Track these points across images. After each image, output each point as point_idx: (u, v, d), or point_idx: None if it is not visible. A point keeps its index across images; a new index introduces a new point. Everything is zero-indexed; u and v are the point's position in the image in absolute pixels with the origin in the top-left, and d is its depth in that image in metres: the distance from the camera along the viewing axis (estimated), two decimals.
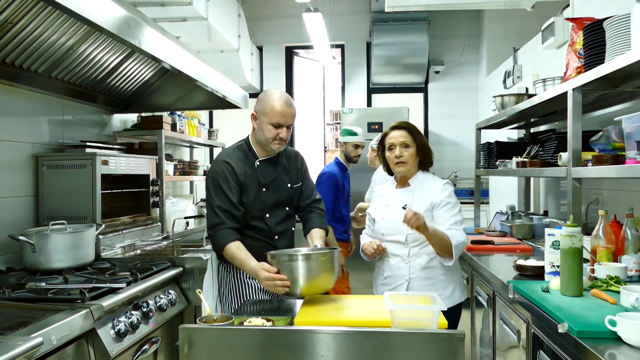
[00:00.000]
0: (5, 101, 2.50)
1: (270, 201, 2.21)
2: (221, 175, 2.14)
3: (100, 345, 1.85)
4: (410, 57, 5.68)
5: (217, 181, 2.14)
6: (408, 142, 2.27)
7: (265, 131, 2.14)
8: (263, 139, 2.17)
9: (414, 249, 2.22)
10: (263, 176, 2.20)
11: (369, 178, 4.12)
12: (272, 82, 6.27)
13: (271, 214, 2.22)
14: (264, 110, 2.13)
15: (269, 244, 2.20)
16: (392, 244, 2.27)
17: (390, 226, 2.26)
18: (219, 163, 2.18)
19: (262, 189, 2.19)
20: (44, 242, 2.31)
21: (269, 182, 2.21)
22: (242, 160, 2.19)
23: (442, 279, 2.24)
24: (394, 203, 2.30)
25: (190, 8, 3.71)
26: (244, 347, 1.43)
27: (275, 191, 2.23)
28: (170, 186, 4.57)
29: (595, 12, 2.68)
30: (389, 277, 2.29)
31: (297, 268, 1.85)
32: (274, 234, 2.23)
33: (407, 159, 2.26)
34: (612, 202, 2.64)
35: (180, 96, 3.64)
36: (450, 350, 1.35)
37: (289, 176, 2.29)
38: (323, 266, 1.87)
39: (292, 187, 2.29)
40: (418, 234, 2.10)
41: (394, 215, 2.23)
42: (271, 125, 2.12)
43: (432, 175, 2.37)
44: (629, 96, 2.39)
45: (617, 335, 1.37)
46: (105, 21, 1.82)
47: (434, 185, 2.27)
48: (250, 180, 2.17)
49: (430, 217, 2.20)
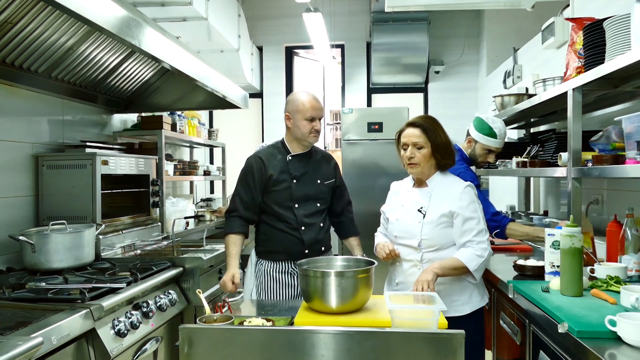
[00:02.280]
0: (5, 101, 2.50)
1: (300, 193, 2.37)
2: (250, 169, 2.39)
3: (100, 345, 1.85)
4: (410, 57, 5.68)
5: (245, 173, 2.40)
6: (421, 143, 2.07)
7: (301, 127, 2.36)
8: (300, 134, 2.38)
9: (428, 254, 2.05)
10: (294, 169, 2.39)
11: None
12: (272, 82, 6.28)
13: (300, 205, 2.38)
14: (297, 109, 2.36)
15: (295, 236, 2.36)
16: (405, 247, 2.11)
17: (404, 229, 2.11)
18: (252, 157, 2.43)
19: (292, 180, 2.37)
20: (44, 242, 2.31)
21: (300, 175, 2.39)
22: (274, 156, 2.42)
23: (457, 284, 2.07)
24: (410, 204, 2.14)
25: (190, 8, 3.71)
26: (244, 347, 1.43)
27: (305, 184, 2.39)
28: (170, 186, 4.57)
29: (595, 12, 2.68)
30: (400, 284, 2.14)
31: (329, 285, 1.74)
32: (300, 225, 2.36)
33: (420, 160, 2.07)
34: (612, 202, 2.64)
35: (180, 96, 3.64)
36: (450, 350, 1.35)
37: (320, 173, 2.46)
38: (359, 283, 1.76)
39: (323, 183, 2.45)
40: (433, 240, 2.03)
41: (408, 217, 2.10)
42: (306, 121, 2.35)
43: (452, 177, 2.16)
44: (629, 96, 2.39)
45: (617, 335, 1.37)
46: (105, 21, 1.82)
47: (453, 189, 2.07)
48: (281, 172, 2.37)
49: (448, 224, 2.04)
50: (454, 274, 2.00)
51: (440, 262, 1.98)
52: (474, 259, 1.98)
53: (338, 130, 6.72)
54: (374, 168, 4.78)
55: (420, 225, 2.06)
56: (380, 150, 4.79)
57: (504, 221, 2.53)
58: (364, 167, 4.90)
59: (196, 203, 4.86)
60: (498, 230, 2.54)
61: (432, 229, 2.04)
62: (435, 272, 1.92)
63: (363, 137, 4.93)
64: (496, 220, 2.59)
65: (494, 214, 2.56)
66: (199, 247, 3.28)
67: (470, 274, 1.99)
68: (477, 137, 2.78)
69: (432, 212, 2.05)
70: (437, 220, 2.04)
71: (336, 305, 1.72)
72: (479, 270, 2.00)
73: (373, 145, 4.90)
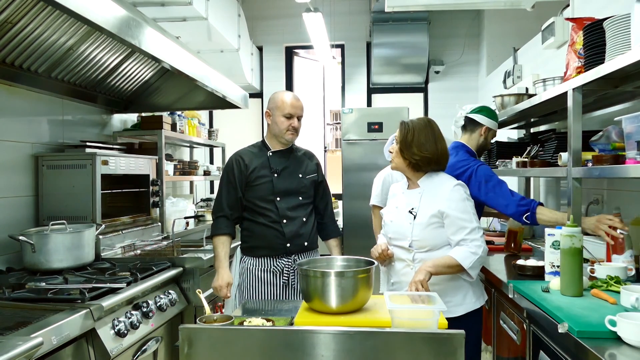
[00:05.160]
0: (5, 101, 2.50)
1: (281, 186, 2.42)
2: (230, 168, 2.45)
3: (100, 345, 1.85)
4: (410, 57, 5.68)
5: (226, 173, 2.46)
6: (398, 139, 2.12)
7: (279, 123, 2.41)
8: (277, 130, 2.43)
9: (420, 254, 2.05)
10: (275, 164, 2.44)
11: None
12: (272, 82, 6.27)
13: (282, 198, 2.42)
14: (276, 106, 2.42)
15: (276, 229, 2.39)
16: (398, 248, 2.12)
17: (396, 230, 2.12)
18: (232, 156, 2.49)
19: (273, 174, 2.42)
20: (44, 242, 2.31)
21: (281, 169, 2.44)
22: (255, 154, 2.47)
23: (451, 284, 2.05)
24: (403, 205, 2.14)
25: (190, 8, 3.71)
26: (244, 347, 1.43)
27: (286, 178, 2.44)
28: (170, 186, 4.57)
29: (595, 12, 2.68)
30: (396, 284, 2.14)
31: (329, 285, 1.73)
32: (282, 218, 2.39)
33: (394, 156, 2.14)
34: (612, 202, 2.63)
35: (180, 96, 3.64)
36: (450, 350, 1.35)
37: (301, 167, 2.50)
38: (359, 283, 1.75)
39: (305, 177, 2.49)
40: (424, 241, 2.02)
41: (400, 218, 2.10)
42: (284, 117, 2.40)
43: (444, 176, 2.13)
44: (629, 96, 2.38)
45: (617, 335, 1.37)
46: (105, 21, 1.82)
47: (443, 188, 2.05)
48: (262, 168, 2.43)
49: (439, 224, 2.03)
50: (448, 272, 1.98)
51: (434, 260, 1.96)
52: (468, 257, 1.95)
53: (338, 130, 6.72)
54: (374, 168, 4.74)
55: (411, 227, 2.05)
56: (380, 150, 4.74)
57: (533, 204, 2.35)
58: (364, 167, 4.90)
59: (196, 203, 4.86)
60: (528, 213, 2.41)
61: (423, 230, 2.03)
62: (429, 271, 1.91)
63: (363, 137, 4.93)
64: (524, 205, 2.38)
65: (521, 199, 2.42)
66: (199, 247, 3.29)
67: (465, 272, 1.96)
68: (492, 125, 2.77)
69: (422, 213, 2.04)
70: (427, 221, 2.02)
71: (336, 305, 1.72)
72: (474, 268, 1.96)
73: (373, 145, 4.90)
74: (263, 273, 2.41)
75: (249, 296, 2.41)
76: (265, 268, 2.40)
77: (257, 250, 2.42)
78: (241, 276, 2.46)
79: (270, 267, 2.40)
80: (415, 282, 1.87)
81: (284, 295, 2.40)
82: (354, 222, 4.91)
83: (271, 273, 2.40)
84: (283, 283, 2.40)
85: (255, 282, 2.41)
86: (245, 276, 2.44)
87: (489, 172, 2.49)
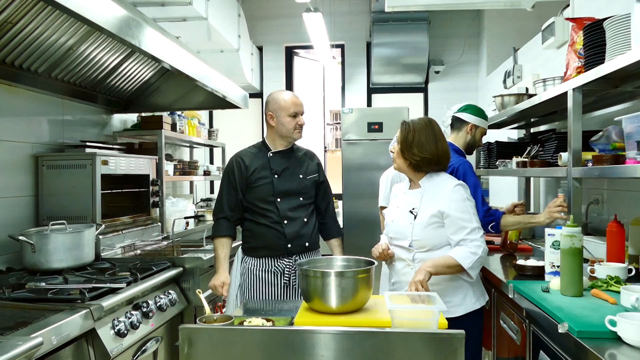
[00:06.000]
0: (5, 101, 2.50)
1: (282, 187, 2.41)
2: (230, 169, 2.44)
3: (100, 345, 1.85)
4: (410, 57, 5.68)
5: (227, 174, 2.45)
6: (399, 139, 2.12)
7: (285, 124, 2.39)
8: (285, 131, 2.41)
9: (420, 254, 2.05)
10: (275, 165, 2.43)
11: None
12: (272, 82, 6.27)
13: (283, 199, 2.40)
14: (279, 107, 2.40)
15: (277, 230, 2.38)
16: (398, 248, 2.12)
17: (397, 230, 2.11)
18: (233, 157, 2.48)
19: (274, 175, 2.41)
20: (44, 242, 2.31)
21: (281, 170, 2.43)
22: (255, 154, 2.46)
23: (451, 284, 2.04)
24: (404, 205, 2.13)
25: (190, 8, 3.71)
26: (244, 347, 1.43)
27: (287, 178, 2.43)
28: (170, 186, 4.57)
29: (595, 12, 2.68)
30: (396, 283, 2.14)
31: (329, 285, 1.72)
32: (283, 219, 2.39)
33: (395, 156, 2.15)
34: (612, 202, 2.63)
35: (180, 96, 3.64)
36: (450, 350, 1.35)
37: (302, 168, 2.49)
38: (359, 283, 1.74)
39: (305, 177, 2.47)
40: (424, 240, 2.02)
41: (401, 218, 2.10)
42: (290, 117, 2.39)
43: (444, 176, 2.12)
44: (629, 96, 2.39)
45: (617, 335, 1.37)
46: (105, 21, 1.82)
47: (444, 188, 2.05)
48: (263, 169, 2.42)
49: (439, 224, 2.02)
50: (448, 272, 1.97)
51: (434, 260, 1.95)
52: (467, 257, 1.94)
53: (338, 130, 6.72)
54: (374, 168, 4.77)
55: (411, 226, 2.05)
56: (380, 150, 4.78)
57: (498, 214, 2.52)
58: (364, 167, 4.89)
59: (196, 203, 4.86)
60: (494, 223, 2.53)
61: (422, 230, 2.03)
62: (428, 270, 1.91)
63: (363, 137, 4.93)
64: (491, 214, 2.55)
65: (487, 210, 2.53)
66: (199, 247, 3.28)
67: (465, 272, 1.95)
68: (479, 122, 2.79)
69: (422, 213, 2.04)
70: (428, 220, 2.02)
71: (336, 305, 1.72)
72: (473, 268, 1.95)
73: (373, 145, 4.90)
74: (264, 273, 2.40)
75: (250, 296, 2.41)
76: (266, 268, 2.40)
77: (258, 250, 2.42)
78: (242, 276, 2.46)
79: (272, 267, 2.40)
80: (415, 282, 1.87)
81: (285, 295, 2.40)
82: (354, 222, 4.91)
83: (272, 273, 2.40)
84: (284, 283, 2.40)
85: (256, 282, 2.40)
86: (247, 276, 2.43)
87: (469, 171, 2.52)
